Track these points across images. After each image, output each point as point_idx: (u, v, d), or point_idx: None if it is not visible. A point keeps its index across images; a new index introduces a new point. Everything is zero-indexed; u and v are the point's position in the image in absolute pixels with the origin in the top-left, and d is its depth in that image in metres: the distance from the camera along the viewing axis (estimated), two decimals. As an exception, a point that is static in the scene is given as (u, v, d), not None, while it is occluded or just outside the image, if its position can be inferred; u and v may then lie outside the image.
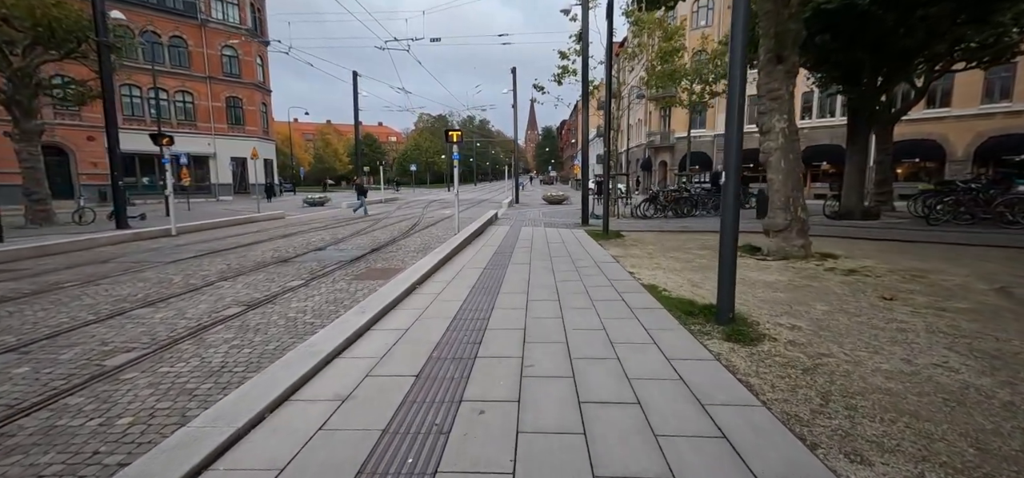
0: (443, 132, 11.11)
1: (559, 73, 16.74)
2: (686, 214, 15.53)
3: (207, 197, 33.26)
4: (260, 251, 9.81)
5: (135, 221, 17.10)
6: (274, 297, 5.93)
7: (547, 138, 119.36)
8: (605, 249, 8.94)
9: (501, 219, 16.37)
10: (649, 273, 6.56)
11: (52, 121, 26.99)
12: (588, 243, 9.85)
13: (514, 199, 27.29)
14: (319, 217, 18.68)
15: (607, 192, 11.40)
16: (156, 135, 12.64)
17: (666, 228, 12.47)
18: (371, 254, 9.34)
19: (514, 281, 6.14)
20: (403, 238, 11.89)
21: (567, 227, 13.37)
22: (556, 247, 9.33)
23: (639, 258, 7.87)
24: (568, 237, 10.93)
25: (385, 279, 6.88)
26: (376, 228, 14.26)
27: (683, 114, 34.20)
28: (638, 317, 4.44)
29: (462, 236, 9.98)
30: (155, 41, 30.55)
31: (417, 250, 9.85)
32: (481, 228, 12.25)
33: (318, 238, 11.92)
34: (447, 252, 7.98)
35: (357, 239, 11.65)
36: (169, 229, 12.53)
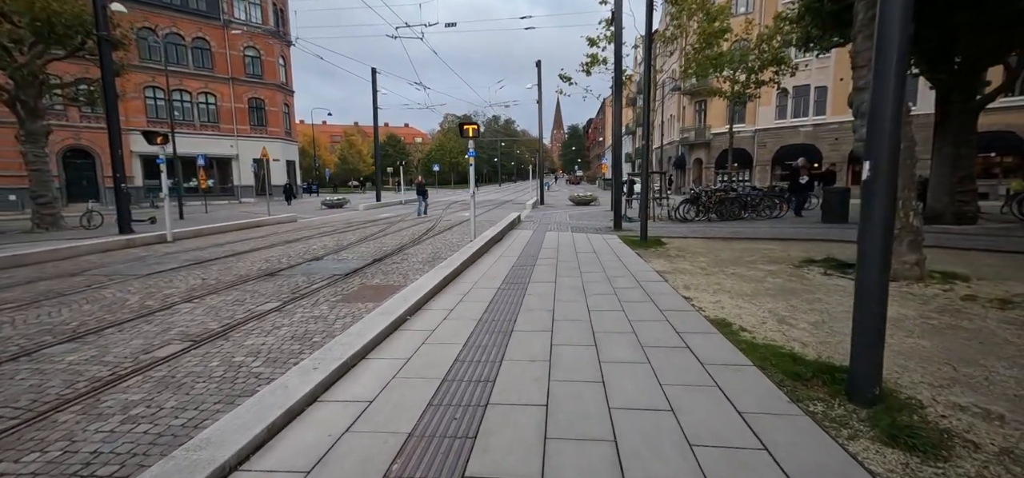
0: (458, 126, 9.75)
1: (588, 62, 15.22)
2: (733, 217, 13.76)
3: (230, 199, 33.12)
4: (250, 261, 8.71)
5: (144, 225, 16.52)
6: (232, 328, 4.70)
7: (573, 136, 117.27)
8: (646, 262, 7.42)
9: (524, 222, 14.98)
10: (711, 299, 5.03)
11: (78, 124, 27.20)
12: (625, 253, 8.34)
13: (539, 200, 25.84)
14: (332, 220, 17.71)
15: (645, 193, 9.84)
16: (149, 133, 11.76)
17: (713, 234, 10.80)
18: (371, 266, 8.09)
19: (534, 312, 4.72)
20: (413, 245, 10.63)
21: (598, 232, 11.85)
22: (586, 258, 7.86)
23: (691, 275, 6.33)
24: (600, 245, 9.44)
25: (375, 300, 5.58)
26: (387, 233, 13.08)
27: (720, 109, 32.03)
28: (719, 383, 2.96)
29: (477, 244, 8.63)
30: (178, 43, 30.50)
31: (425, 261, 8.55)
32: (500, 233, 10.88)
33: (321, 245, 10.79)
34: (457, 265, 6.63)
35: (362, 247, 10.46)
36: (166, 234, 11.65)
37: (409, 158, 77.45)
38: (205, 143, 31.68)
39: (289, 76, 37.27)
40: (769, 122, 29.46)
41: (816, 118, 27.67)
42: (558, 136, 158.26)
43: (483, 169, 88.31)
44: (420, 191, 20.19)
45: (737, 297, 5.11)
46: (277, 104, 35.14)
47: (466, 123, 10.00)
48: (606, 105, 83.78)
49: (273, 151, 35.36)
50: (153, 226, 16.10)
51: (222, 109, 32.55)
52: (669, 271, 6.61)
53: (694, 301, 4.95)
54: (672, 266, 7.01)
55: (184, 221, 17.98)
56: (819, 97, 27.52)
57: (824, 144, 27.51)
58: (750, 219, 13.62)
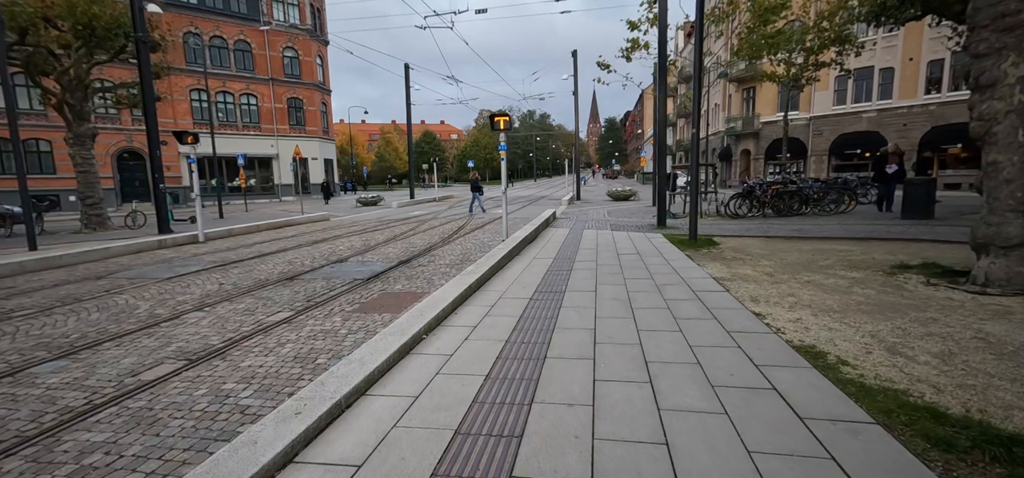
0: (489, 118, 9.08)
1: (628, 47, 14.20)
2: (793, 213, 12.45)
3: (271, 198, 33.95)
4: (273, 264, 8.38)
5: (185, 224, 16.83)
6: (234, 344, 4.22)
7: (610, 130, 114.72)
8: (699, 266, 6.51)
9: (560, 219, 14.19)
10: (788, 316, 4.14)
11: (131, 127, 28.45)
12: (673, 255, 7.44)
13: (575, 195, 24.92)
14: (364, 219, 17.50)
15: (696, 186, 8.84)
16: (179, 133, 11.76)
17: (772, 232, 9.66)
18: (396, 269, 7.56)
19: (571, 333, 3.99)
20: (442, 245, 10.08)
21: (639, 230, 10.92)
22: (630, 261, 7.02)
23: (757, 283, 5.40)
24: (643, 245, 8.55)
25: (393, 311, 5.00)
26: (417, 232, 12.62)
27: (770, 96, 29.97)
28: (833, 453, 2.13)
29: (508, 246, 7.95)
30: (222, 46, 31.38)
31: (453, 264, 7.95)
32: (534, 233, 10.17)
33: (348, 246, 10.42)
34: (484, 271, 5.97)
35: (389, 248, 10.00)
36: (198, 235, 11.62)
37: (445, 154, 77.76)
38: (247, 143, 32.53)
39: (326, 75, 37.80)
40: (826, 108, 27.23)
41: (881, 102, 25.30)
42: (594, 130, 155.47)
43: (518, 164, 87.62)
44: (475, 187, 18.81)
45: (821, 313, 4.18)
46: (315, 103, 35.70)
47: (498, 115, 9.35)
48: (644, 97, 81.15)
49: (311, 150, 36.02)
50: (193, 226, 16.36)
51: (263, 109, 33.34)
52: (728, 278, 5.70)
53: (767, 319, 4.07)
54: (731, 272, 6.08)
55: (223, 221, 18.26)
56: (884, 79, 25.13)
57: (890, 131, 25.12)
58: (812, 215, 12.26)
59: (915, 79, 24.06)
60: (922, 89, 23.93)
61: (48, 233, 14.63)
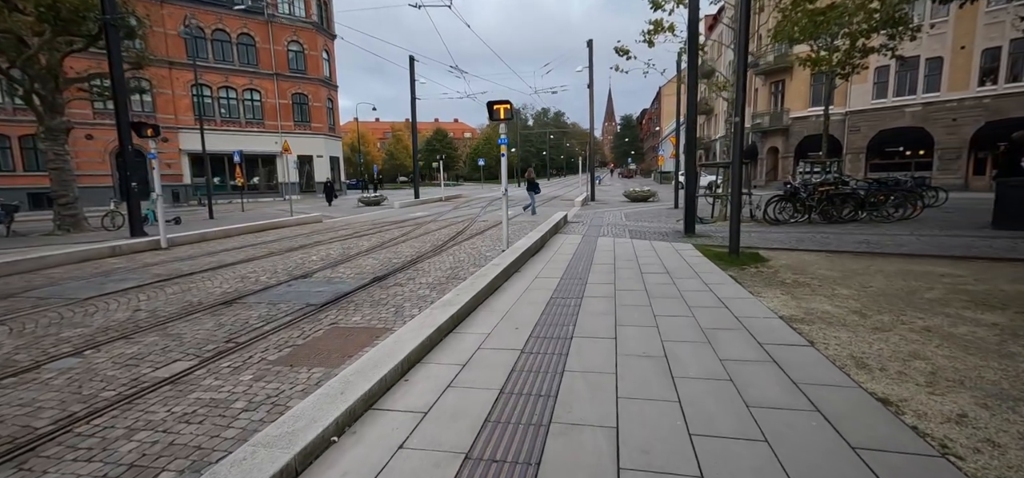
0: (488, 106, 7.52)
1: (651, 30, 12.55)
2: (845, 219, 10.65)
3: (275, 197, 32.96)
4: (221, 280, 6.98)
5: (169, 225, 15.67)
6: (72, 422, 2.78)
7: (626, 128, 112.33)
8: (755, 295, 4.89)
9: (572, 223, 12.61)
10: (942, 407, 2.52)
11: (130, 123, 27.61)
12: (714, 277, 5.82)
13: (589, 196, 23.26)
14: (360, 221, 16.15)
15: (738, 186, 7.15)
16: (138, 125, 10.50)
17: (832, 245, 7.93)
18: (366, 289, 6.09)
19: (581, 435, 2.45)
20: (432, 256, 8.59)
21: (663, 238, 9.29)
22: (659, 285, 5.43)
23: (850, 331, 3.77)
24: (672, 260, 6.93)
25: (329, 365, 3.51)
26: (410, 237, 11.16)
27: (801, 89, 27.88)
28: None
29: (506, 260, 6.42)
30: (224, 40, 30.45)
31: (436, 284, 6.45)
32: (541, 240, 8.62)
33: (324, 255, 9.00)
34: (467, 300, 4.46)
35: (370, 258, 8.55)
36: (160, 240, 10.34)
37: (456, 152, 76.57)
38: (250, 140, 31.59)
39: (333, 70, 36.72)
40: (865, 102, 25.07)
41: (927, 96, 23.09)
42: (610, 128, 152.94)
43: (531, 162, 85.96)
44: (531, 185, 16.56)
45: (996, 403, 2.55)
46: (321, 99, 34.62)
47: (497, 103, 7.85)
48: (662, 94, 78.71)
49: (316, 147, 34.99)
50: (176, 227, 15.20)
51: (267, 105, 32.35)
52: (802, 318, 4.08)
53: (907, 412, 2.46)
54: (801, 307, 4.44)
55: (212, 221, 17.11)
56: (931, 71, 22.92)
57: (937, 127, 22.92)
58: (871, 221, 10.44)
59: (967, 69, 21.82)
60: (975, 80, 21.69)
61: (18, 235, 13.56)
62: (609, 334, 3.83)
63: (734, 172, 7.16)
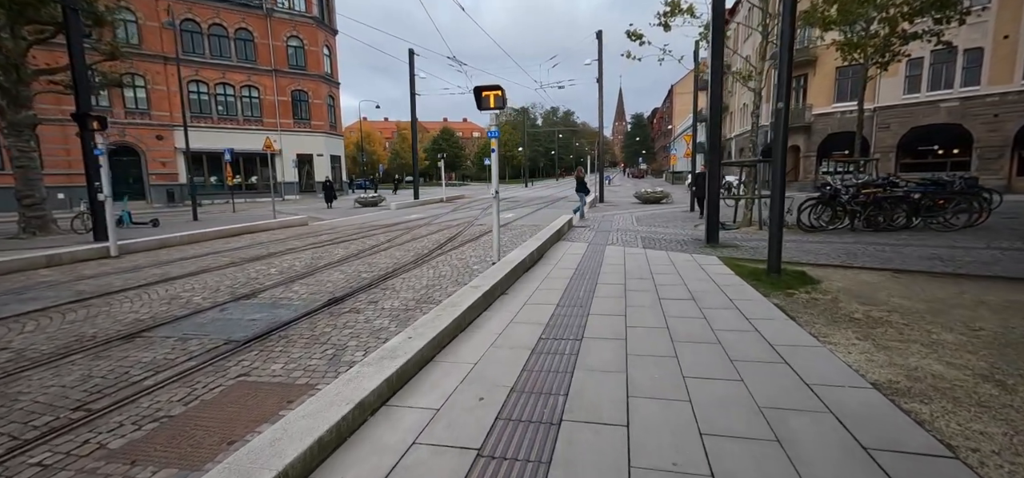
0: (475, 92, 6.16)
1: (667, 11, 11.17)
2: (895, 226, 9.21)
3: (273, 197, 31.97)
4: (152, 298, 5.80)
5: (145, 228, 14.66)
6: None
7: (637, 127, 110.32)
8: (821, 341, 3.56)
9: (577, 227, 11.30)
10: None
11: (122, 120, 26.79)
12: (755, 307, 4.48)
13: (598, 197, 21.88)
14: (348, 225, 15.01)
15: (780, 187, 5.79)
16: (81, 116, 9.38)
17: (894, 261, 6.53)
18: (312, 317, 4.86)
19: None
20: (411, 269, 7.35)
21: (682, 247, 7.94)
22: (684, 322, 4.11)
23: (1001, 412, 2.42)
24: (697, 279, 5.60)
25: (186, 467, 2.26)
26: (394, 244, 9.95)
27: (824, 84, 26.20)
28: None
29: (492, 280, 5.15)
30: (222, 35, 29.53)
31: (402, 310, 5.20)
32: (540, 250, 7.34)
33: (286, 266, 7.80)
34: (427, 342, 3.20)
35: (337, 271, 7.33)
36: (136, 242, 9.23)
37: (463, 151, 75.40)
38: (248, 138, 30.64)
39: (334, 67, 35.71)
40: (895, 98, 23.34)
41: (965, 90, 21.33)
42: (620, 128, 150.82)
43: (540, 162, 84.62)
44: (580, 186, 14.72)
45: None
46: (321, 96, 33.60)
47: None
48: (674, 93, 76.78)
49: (316, 146, 34.00)
50: (153, 230, 14.16)
51: (265, 102, 31.37)
52: (905, 387, 2.74)
53: None
54: (894, 363, 3.10)
55: (195, 224, 16.08)
56: (970, 63, 21.15)
57: (976, 123, 21.16)
58: (929, 229, 8.95)
59: (1011, 61, 20.04)
60: (1020, 73, 19.91)
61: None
62: (618, 415, 2.53)
63: (775, 171, 5.80)
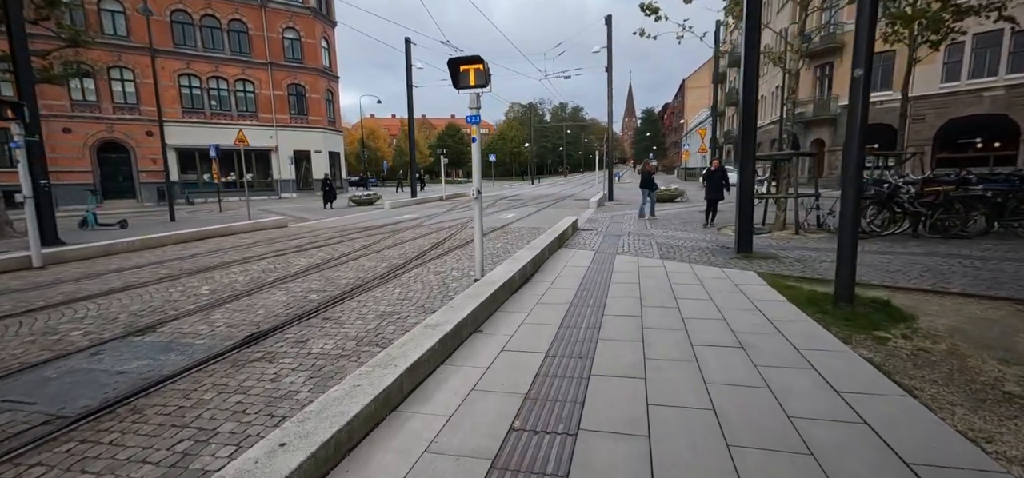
0: (452, 64, 4.58)
1: (688, -21, 9.64)
2: (971, 232, 7.62)
3: (269, 195, 30.89)
4: (21, 331, 4.48)
5: (112, 230, 13.48)
6: None
7: (647, 122, 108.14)
8: (977, 442, 2.10)
9: (582, 230, 9.86)
10: None
11: (111, 116, 25.78)
12: (833, 361, 3.02)
13: (606, 196, 20.36)
14: (331, 227, 13.69)
15: (856, 184, 4.29)
16: None
17: (1008, 284, 4.99)
18: (198, 372, 3.49)
19: None
20: (374, 288, 5.96)
21: (708, 257, 6.46)
22: (736, 396, 2.66)
23: None
24: (737, 309, 4.13)
25: None
26: (368, 253, 8.58)
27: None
28: None
29: (465, 309, 3.78)
30: (214, 27, 28.39)
31: (334, 357, 3.82)
32: (534, 263, 5.91)
33: (226, 283, 6.46)
34: (329, 436, 1.79)
35: (283, 290, 5.97)
36: (71, 250, 7.95)
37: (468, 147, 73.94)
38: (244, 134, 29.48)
39: (333, 60, 34.46)
40: (932, 87, 21.46)
41: (1012, 76, 19.42)
42: (630, 124, 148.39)
43: (548, 159, 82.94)
44: (646, 182, 13.27)
45: None
46: (319, 91, 32.37)
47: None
48: (685, 87, 74.68)
49: (314, 142, 32.78)
50: (121, 232, 12.97)
51: (260, 97, 30.20)
52: None
53: None
54: None
55: (172, 225, 14.87)
56: (1018, 47, 19.23)
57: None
58: (1013, 235, 7.36)
59: (1066, 43, 18.13)
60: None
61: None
62: None
63: (850, 155, 4.31)
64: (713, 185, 10.82)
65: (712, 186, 10.82)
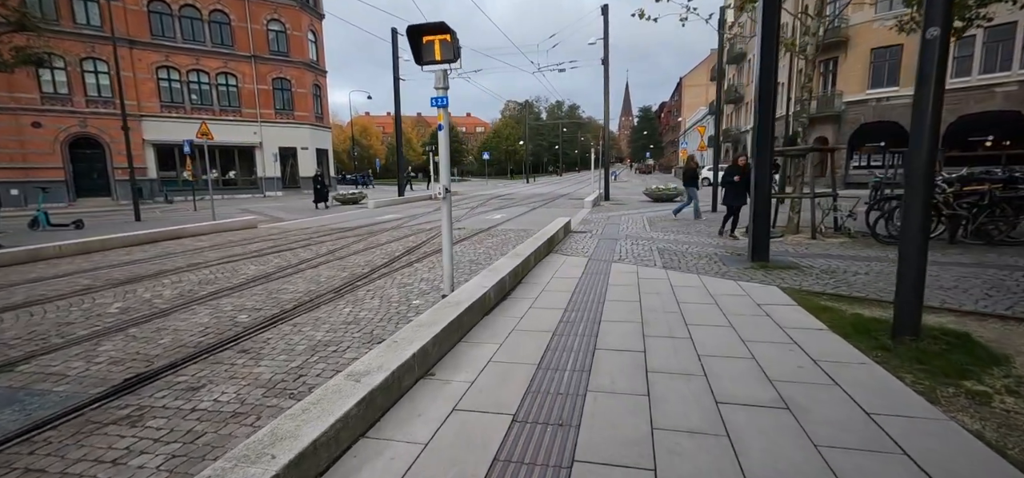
0: (409, 35, 3.47)
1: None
2: (1018, 238, 6.70)
3: (253, 193, 29.77)
4: None
5: (66, 230, 12.43)
6: None
7: (644, 121, 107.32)
8: None
9: (576, 233, 8.89)
10: None
11: (84, 110, 24.58)
12: (934, 441, 2.04)
13: (602, 195, 19.39)
14: (305, 228, 12.68)
15: (927, 178, 3.35)
16: None
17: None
18: (41, 436, 2.47)
19: None
20: (322, 303, 4.97)
21: (718, 267, 5.49)
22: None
23: None
24: (771, 347, 3.15)
25: None
26: (333, 259, 7.58)
27: (857, 69, 23.48)
28: None
29: (414, 345, 2.76)
30: (194, 17, 27.20)
31: (236, 410, 2.81)
32: (516, 274, 4.91)
33: (143, 300, 5.44)
34: None
35: (210, 309, 4.97)
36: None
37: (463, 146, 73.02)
38: (225, 130, 28.33)
39: (320, 53, 33.30)
40: (940, 82, 20.60)
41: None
42: (626, 123, 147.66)
43: (543, 157, 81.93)
44: (690, 178, 11.88)
45: None
46: (305, 85, 31.21)
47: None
48: (683, 85, 73.82)
49: (301, 139, 31.62)
50: (75, 233, 11.91)
51: (243, 91, 29.03)
52: None
53: None
54: None
55: (139, 224, 13.82)
56: (1032, 40, 18.41)
57: (1038, 110, 18.44)
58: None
59: (1083, 37, 17.30)
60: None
61: None
62: None
63: (918, 151, 3.34)
64: (737, 190, 8.55)
65: (736, 191, 8.57)
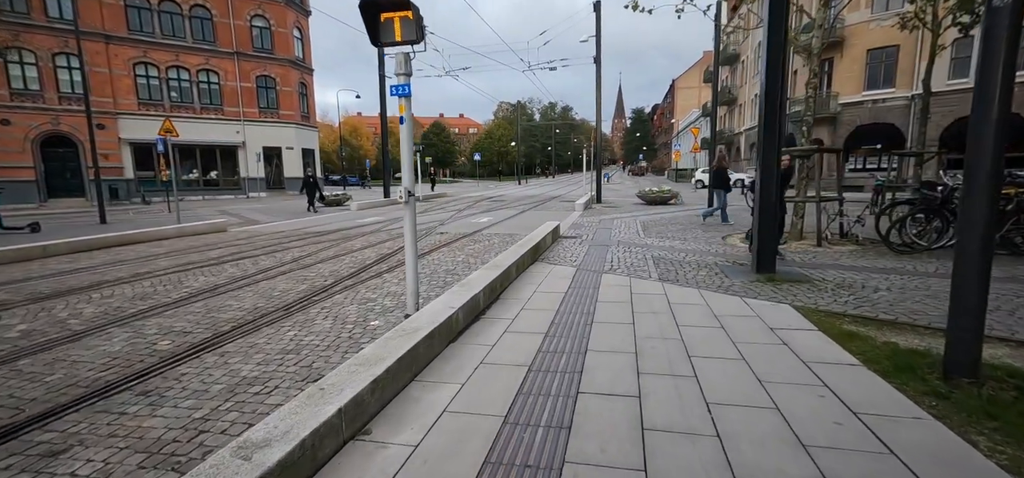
0: (361, 9, 2.71)
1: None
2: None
3: (236, 194, 28.84)
4: None
5: (22, 234, 11.58)
6: None
7: (637, 122, 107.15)
8: None
9: (566, 237, 8.24)
10: None
11: (56, 107, 23.58)
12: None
13: (594, 197, 18.77)
14: (276, 231, 11.94)
15: (993, 177, 2.74)
16: None
17: None
18: None
19: None
20: (264, 325, 4.26)
21: (720, 281, 4.86)
22: None
23: None
24: (797, 391, 2.51)
25: None
26: (297, 268, 6.87)
27: (853, 70, 23.11)
28: None
29: (357, 385, 2.06)
30: (174, 12, 26.29)
31: None
32: (493, 289, 4.24)
33: (87, 312, 4.71)
34: None
35: (152, 325, 4.25)
36: None
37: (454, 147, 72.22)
38: (207, 129, 27.50)
39: (307, 51, 32.46)
40: (938, 83, 20.14)
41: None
42: (619, 125, 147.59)
43: (536, 159, 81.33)
44: (719, 179, 11.08)
45: None
46: (291, 83, 30.36)
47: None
48: (676, 87, 73.65)
49: (286, 138, 30.78)
50: (31, 236, 11.08)
51: (226, 89, 28.13)
52: None
53: None
54: None
55: (104, 227, 13.02)
56: (1031, 41, 18.06)
57: (1038, 112, 18.09)
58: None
59: (1084, 38, 16.95)
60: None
61: None
62: None
63: (981, 151, 2.73)
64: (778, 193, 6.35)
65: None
